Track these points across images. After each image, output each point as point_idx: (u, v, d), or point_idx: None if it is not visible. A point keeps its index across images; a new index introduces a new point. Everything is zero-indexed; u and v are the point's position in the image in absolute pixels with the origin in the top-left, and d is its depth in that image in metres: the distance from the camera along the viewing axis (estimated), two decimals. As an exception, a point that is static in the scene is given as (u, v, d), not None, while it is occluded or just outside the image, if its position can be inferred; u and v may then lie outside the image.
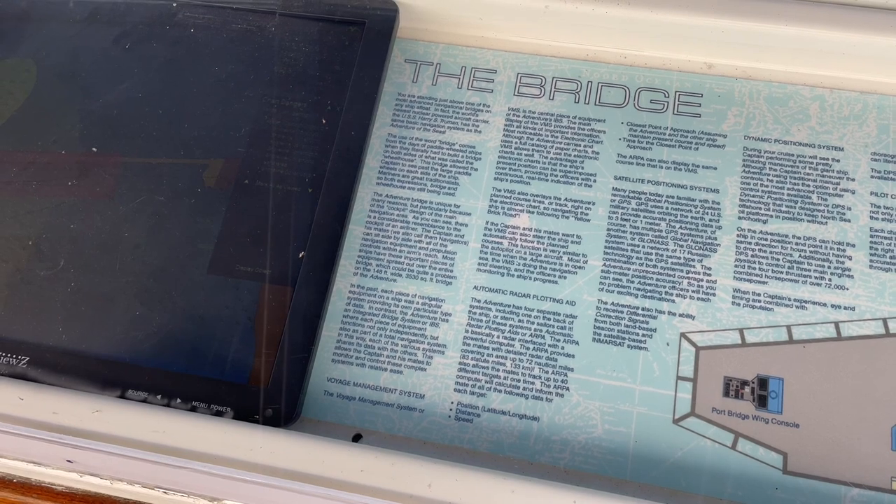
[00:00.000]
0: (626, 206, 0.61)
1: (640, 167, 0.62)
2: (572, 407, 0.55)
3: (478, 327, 0.58)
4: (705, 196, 0.61)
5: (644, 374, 0.56)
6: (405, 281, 0.60)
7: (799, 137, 0.62)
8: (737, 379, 0.55)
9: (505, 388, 0.56)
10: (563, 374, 0.56)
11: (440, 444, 0.55)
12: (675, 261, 0.59)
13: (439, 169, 0.64)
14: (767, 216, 0.60)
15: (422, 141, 0.65)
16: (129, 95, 0.65)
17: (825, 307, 0.56)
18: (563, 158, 0.63)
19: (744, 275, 0.58)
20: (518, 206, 0.62)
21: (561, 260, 0.60)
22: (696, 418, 0.54)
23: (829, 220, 0.59)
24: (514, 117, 0.65)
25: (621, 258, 0.59)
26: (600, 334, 0.57)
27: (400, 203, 0.63)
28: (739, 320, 0.57)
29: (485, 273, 0.60)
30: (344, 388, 0.57)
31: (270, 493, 0.52)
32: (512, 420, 0.56)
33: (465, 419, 0.56)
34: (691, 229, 0.60)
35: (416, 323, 0.59)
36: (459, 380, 0.57)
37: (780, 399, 0.54)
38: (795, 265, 0.58)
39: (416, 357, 0.58)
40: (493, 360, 0.57)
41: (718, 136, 0.63)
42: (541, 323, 0.58)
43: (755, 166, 0.61)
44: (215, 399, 0.54)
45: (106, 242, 0.60)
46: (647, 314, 0.58)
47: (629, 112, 0.64)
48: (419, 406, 0.56)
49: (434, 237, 0.62)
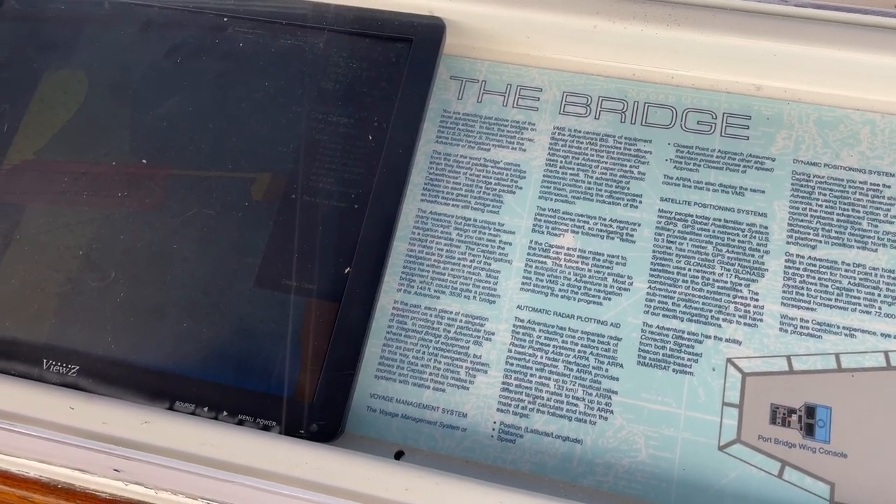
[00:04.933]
0: (673, 228, 0.61)
1: (687, 189, 0.62)
2: (616, 430, 0.55)
3: (521, 347, 0.58)
4: (753, 220, 0.60)
5: (689, 399, 0.55)
6: (448, 298, 0.61)
7: (849, 162, 0.61)
8: (784, 406, 0.54)
9: (548, 410, 0.56)
10: (607, 396, 0.56)
11: (483, 463, 0.55)
12: (722, 285, 0.59)
13: (483, 186, 0.64)
14: (816, 241, 0.59)
15: (466, 158, 0.65)
16: (178, 108, 0.66)
17: (875, 336, 0.56)
18: (608, 178, 0.63)
19: (792, 301, 0.57)
20: (562, 226, 0.62)
21: (605, 281, 0.60)
22: (742, 445, 0.54)
23: (879, 247, 0.58)
24: (559, 136, 0.65)
25: (667, 281, 0.59)
26: (645, 357, 0.57)
27: (444, 220, 0.63)
28: (787, 347, 0.56)
29: (528, 292, 0.60)
30: (387, 405, 0.58)
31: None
32: (555, 442, 0.55)
33: (507, 439, 0.56)
34: (738, 253, 0.59)
35: (458, 341, 0.59)
36: (502, 399, 0.57)
37: (828, 428, 0.53)
38: (845, 292, 0.57)
39: (459, 375, 0.58)
40: (537, 381, 0.57)
41: (767, 159, 0.62)
42: (585, 344, 0.58)
43: (804, 190, 0.61)
44: (261, 413, 0.54)
45: (155, 254, 0.61)
46: (692, 338, 0.57)
47: (676, 133, 0.64)
48: (462, 425, 0.57)
49: (478, 255, 0.62)
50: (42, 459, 0.57)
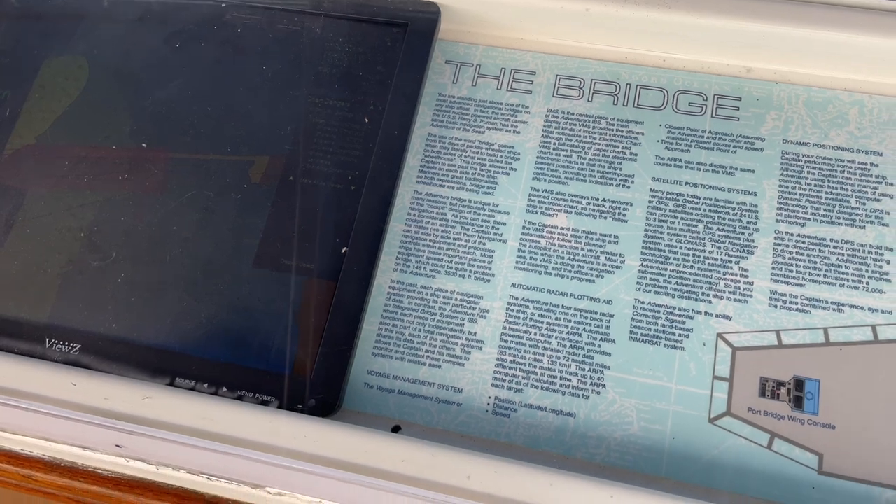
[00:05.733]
0: (664, 207, 0.62)
1: (678, 169, 0.63)
2: (608, 404, 0.56)
3: (515, 324, 0.59)
4: (743, 199, 0.61)
5: (680, 373, 0.56)
6: (444, 277, 0.62)
7: (838, 142, 0.62)
8: (773, 380, 0.55)
9: (542, 385, 0.57)
10: (599, 371, 0.57)
11: (477, 437, 0.56)
12: (713, 262, 0.60)
13: (478, 168, 0.65)
14: (805, 219, 0.60)
15: (461, 141, 0.66)
16: (178, 93, 0.67)
17: (862, 310, 0.57)
18: (601, 159, 0.64)
19: (781, 277, 0.58)
20: (556, 206, 0.63)
21: (598, 259, 0.61)
22: (731, 418, 0.55)
23: (867, 224, 0.59)
24: (552, 118, 0.66)
25: (658, 258, 0.60)
26: (637, 333, 0.58)
27: (440, 201, 0.64)
28: (776, 322, 0.57)
29: (522, 271, 0.61)
30: (384, 381, 0.59)
31: (312, 481, 0.53)
32: (549, 416, 0.56)
33: (502, 414, 0.57)
34: (729, 231, 0.60)
35: (454, 319, 0.60)
36: (497, 375, 0.58)
37: (817, 400, 0.54)
38: (833, 268, 0.58)
39: (455, 352, 0.59)
40: (531, 357, 0.58)
41: (757, 139, 0.63)
42: (578, 321, 0.59)
43: (793, 170, 0.62)
44: (260, 389, 0.55)
45: (155, 235, 0.62)
46: (683, 314, 0.58)
47: (667, 114, 0.65)
48: (457, 400, 0.58)
49: (473, 235, 0.63)
50: (45, 437, 0.58)
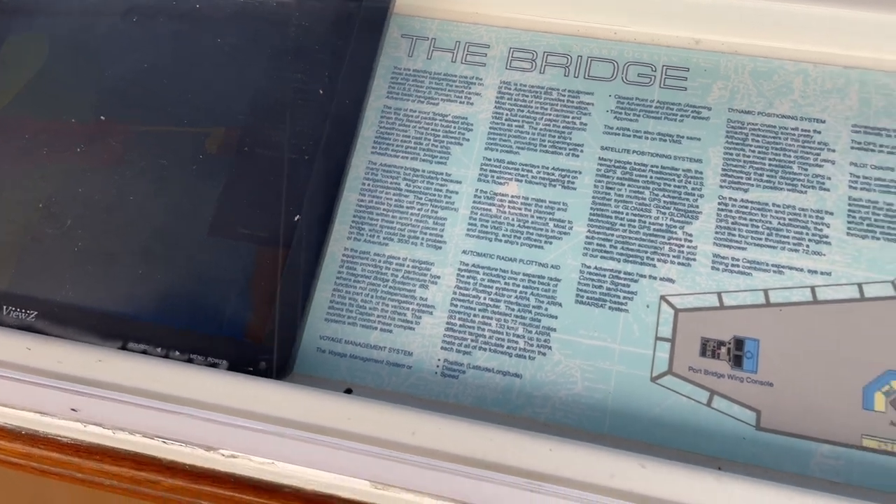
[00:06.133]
0: (612, 175, 0.63)
1: (627, 138, 0.64)
2: (554, 365, 0.58)
3: (465, 289, 0.61)
4: (689, 166, 0.63)
5: (624, 334, 0.58)
6: (397, 245, 0.63)
7: (782, 110, 0.64)
8: (714, 340, 0.57)
9: (490, 347, 0.59)
10: (545, 333, 0.59)
11: (427, 398, 0.58)
12: (658, 227, 0.61)
13: (432, 139, 0.66)
14: (749, 185, 0.61)
15: (416, 112, 0.68)
16: (136, 67, 0.68)
17: (802, 272, 0.58)
18: (551, 129, 0.65)
19: (724, 241, 0.60)
20: (507, 175, 0.64)
21: (547, 226, 0.62)
22: (673, 377, 0.56)
23: (808, 189, 0.61)
24: (505, 90, 0.67)
25: (605, 224, 0.61)
26: (583, 296, 0.59)
27: (393, 171, 0.65)
28: (718, 284, 0.58)
29: (473, 238, 0.62)
30: (336, 346, 0.60)
31: (263, 441, 0.54)
32: (496, 377, 0.58)
33: (450, 375, 0.58)
34: (674, 197, 0.62)
35: (406, 285, 0.61)
36: (446, 338, 0.59)
37: (756, 359, 0.56)
38: (774, 232, 0.60)
39: (406, 317, 0.60)
40: (479, 321, 0.60)
41: (703, 108, 0.64)
42: (526, 286, 0.60)
43: (738, 137, 0.63)
44: (212, 352, 0.57)
45: (112, 206, 0.63)
46: (628, 278, 0.60)
47: (617, 85, 0.66)
48: (407, 363, 0.59)
49: (425, 204, 0.64)
50: (3, 402, 0.59)
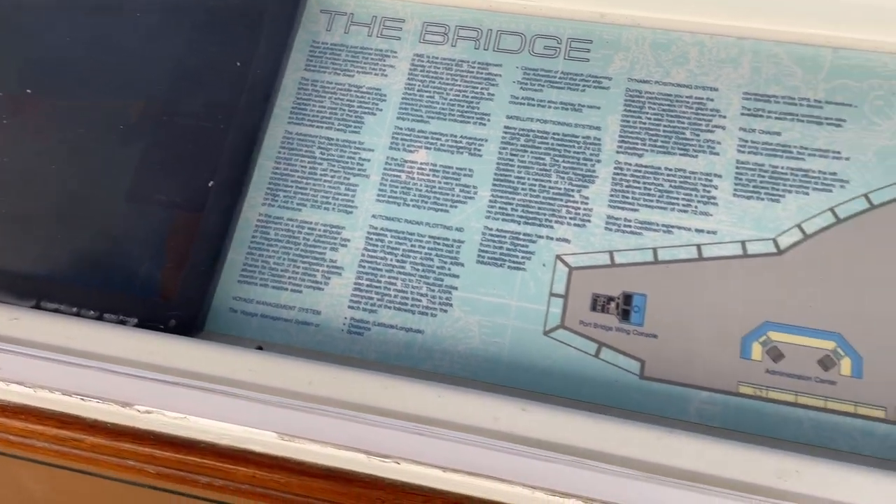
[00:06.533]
0: (516, 142, 0.66)
1: (531, 107, 0.67)
2: (454, 321, 0.60)
3: (373, 251, 0.63)
4: (588, 133, 0.66)
5: (521, 291, 0.61)
6: (309, 210, 0.65)
7: (678, 79, 0.67)
8: (604, 295, 0.60)
9: (394, 305, 0.61)
10: (447, 292, 0.61)
11: (333, 353, 0.60)
12: (557, 191, 0.64)
13: (347, 109, 0.69)
14: (643, 150, 0.64)
15: (332, 84, 0.70)
16: (59, 42, 0.70)
17: (689, 231, 0.61)
18: (461, 100, 0.68)
19: (618, 203, 0.63)
20: (417, 143, 0.67)
21: (453, 191, 0.65)
22: (564, 330, 0.59)
23: (699, 154, 0.64)
24: (418, 62, 0.70)
25: (508, 189, 0.64)
26: (484, 257, 0.62)
27: (308, 140, 0.68)
28: (610, 243, 0.62)
29: (383, 203, 0.65)
30: (247, 306, 0.63)
31: (175, 395, 0.57)
32: (399, 333, 0.61)
33: (356, 332, 0.61)
34: (573, 163, 0.65)
35: (316, 248, 0.64)
36: (353, 298, 0.62)
37: (643, 313, 0.59)
38: (665, 194, 0.63)
39: (315, 278, 0.63)
40: (386, 281, 0.62)
41: (604, 78, 0.67)
42: (431, 247, 0.63)
43: (635, 105, 0.66)
44: (125, 311, 0.59)
45: (34, 174, 0.65)
46: (527, 239, 0.62)
47: (524, 57, 0.69)
48: (315, 321, 0.62)
49: (338, 171, 0.67)
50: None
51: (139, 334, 0.58)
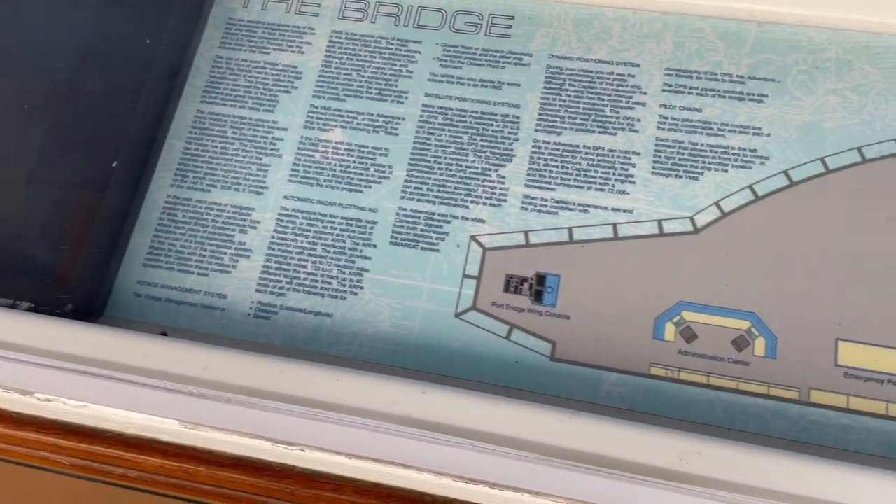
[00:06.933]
0: (434, 120, 0.64)
1: (450, 85, 0.65)
2: (364, 304, 0.59)
3: (284, 233, 0.61)
4: (507, 111, 0.64)
5: (434, 273, 0.59)
6: (219, 191, 0.63)
7: (599, 55, 0.65)
8: (517, 276, 0.58)
9: (304, 289, 0.60)
10: (359, 274, 0.60)
11: (238, 338, 0.58)
12: (473, 170, 0.62)
13: (261, 88, 0.67)
14: (562, 128, 0.63)
15: (247, 62, 0.68)
16: (-38, 18, 0.67)
17: (606, 210, 0.60)
18: (378, 77, 0.66)
19: (534, 182, 0.61)
20: (333, 122, 0.65)
21: (368, 171, 0.63)
22: (476, 312, 0.58)
23: (618, 131, 0.62)
24: (336, 39, 0.68)
25: (424, 168, 0.63)
26: (397, 238, 0.60)
27: (221, 119, 0.66)
28: (526, 223, 0.60)
29: (295, 183, 0.63)
30: (152, 290, 0.60)
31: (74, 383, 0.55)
32: (307, 317, 0.59)
33: (263, 317, 0.59)
34: (491, 141, 0.63)
35: (225, 230, 0.62)
36: (261, 281, 0.60)
37: (556, 293, 0.57)
38: (583, 172, 0.61)
39: (223, 261, 0.61)
40: (296, 263, 0.60)
41: (525, 55, 0.66)
42: (343, 229, 0.61)
43: (556, 82, 0.64)
44: (20, 294, 0.57)
45: (-70, 155, 0.62)
46: (442, 219, 0.61)
47: (445, 34, 0.67)
48: (221, 305, 0.60)
49: (250, 151, 0.64)
50: None
51: (35, 319, 0.56)
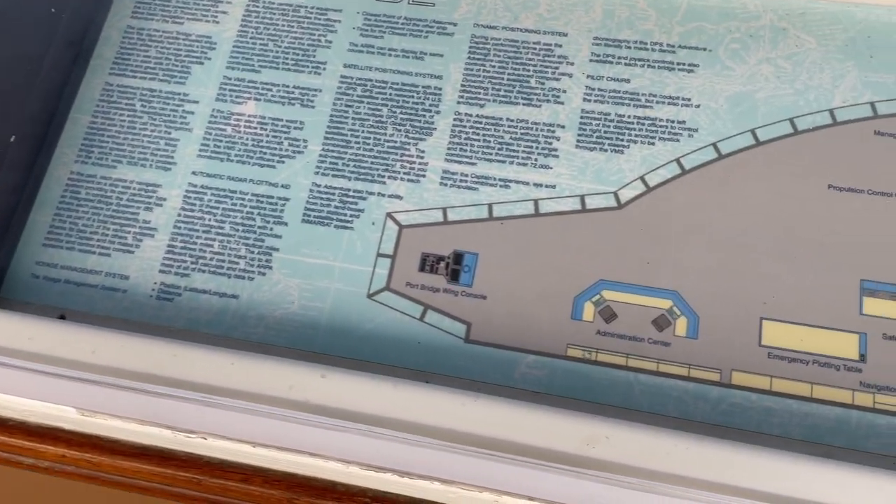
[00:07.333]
0: (352, 92, 0.61)
1: (370, 55, 0.62)
2: (272, 285, 0.56)
3: (191, 211, 0.58)
4: (429, 82, 0.61)
5: (347, 251, 0.56)
6: (125, 168, 0.60)
7: (526, 24, 0.62)
8: (434, 255, 0.56)
9: (209, 269, 0.57)
10: (268, 254, 0.57)
11: (140, 321, 0.56)
12: (392, 144, 0.59)
13: (173, 59, 0.63)
14: (485, 100, 0.60)
15: (160, 32, 0.65)
16: None
17: (528, 185, 0.57)
18: (296, 47, 0.63)
19: (455, 157, 0.58)
20: (246, 94, 0.62)
21: (282, 145, 0.60)
22: (389, 292, 0.55)
23: (543, 103, 0.59)
24: (253, 8, 0.65)
25: (340, 143, 0.60)
26: (310, 215, 0.58)
27: (130, 92, 0.62)
28: (444, 200, 0.57)
29: (205, 159, 0.60)
30: (51, 271, 0.57)
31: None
32: (212, 298, 0.56)
33: (166, 298, 0.56)
34: (411, 114, 0.60)
35: (130, 208, 0.59)
36: (165, 261, 0.57)
37: (473, 273, 0.55)
38: (505, 146, 0.58)
39: (126, 240, 0.58)
40: (202, 242, 0.57)
41: (449, 24, 0.63)
42: (254, 206, 0.58)
43: (480, 53, 0.61)
44: None
45: None
46: (357, 196, 0.58)
47: (366, 2, 0.64)
48: (123, 287, 0.57)
49: (159, 125, 0.61)
50: None
51: (-82, 303, 0.53)
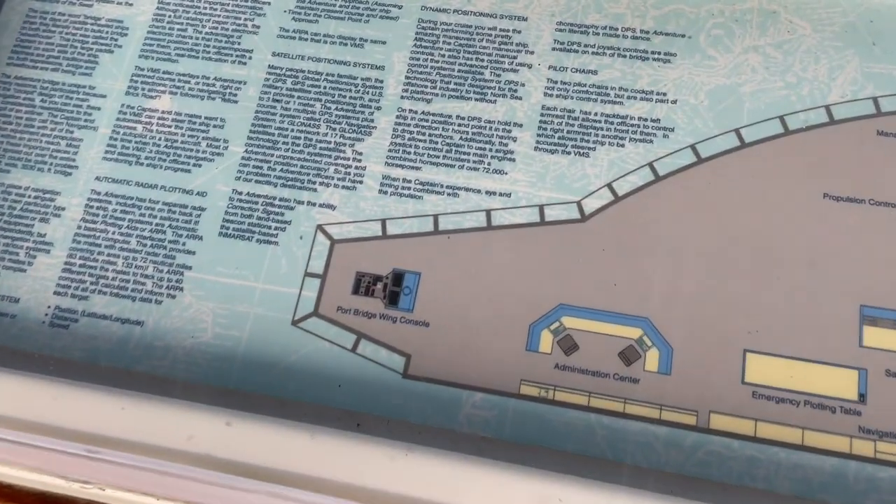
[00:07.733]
0: (281, 85, 0.53)
1: (303, 42, 0.54)
2: (183, 309, 0.48)
3: (92, 223, 0.51)
4: (369, 73, 0.53)
5: (269, 271, 0.49)
6: (20, 172, 0.52)
7: (481, 7, 0.54)
8: (370, 274, 0.48)
9: (111, 290, 0.49)
10: (179, 273, 0.49)
11: (30, 352, 0.48)
12: (325, 146, 0.52)
13: (79, 47, 0.55)
14: (433, 95, 0.52)
15: (65, 16, 0.57)
16: None
17: (479, 193, 0.50)
18: (219, 33, 0.55)
19: (397, 160, 0.51)
20: (161, 87, 0.54)
21: (199, 146, 0.52)
22: (318, 318, 0.47)
23: (498, 98, 0.52)
24: (171, -12, 0.57)
25: (266, 143, 0.52)
26: (228, 228, 0.50)
27: (29, 85, 0.55)
28: (384, 210, 0.50)
29: (111, 162, 0.52)
30: (-72, 293, 0.50)
31: None
32: (113, 325, 0.48)
33: (60, 325, 0.48)
34: (348, 111, 0.52)
35: (23, 219, 0.51)
36: (62, 282, 0.49)
37: (414, 295, 0.47)
38: (454, 148, 0.51)
39: (18, 257, 0.50)
40: (104, 259, 0.50)
41: (393, 6, 0.55)
42: (164, 216, 0.51)
43: (428, 40, 0.54)
44: None
45: None
46: (284, 205, 0.50)
47: (300, -19, 0.56)
48: (12, 311, 0.49)
49: (60, 122, 0.53)
50: None
51: None
